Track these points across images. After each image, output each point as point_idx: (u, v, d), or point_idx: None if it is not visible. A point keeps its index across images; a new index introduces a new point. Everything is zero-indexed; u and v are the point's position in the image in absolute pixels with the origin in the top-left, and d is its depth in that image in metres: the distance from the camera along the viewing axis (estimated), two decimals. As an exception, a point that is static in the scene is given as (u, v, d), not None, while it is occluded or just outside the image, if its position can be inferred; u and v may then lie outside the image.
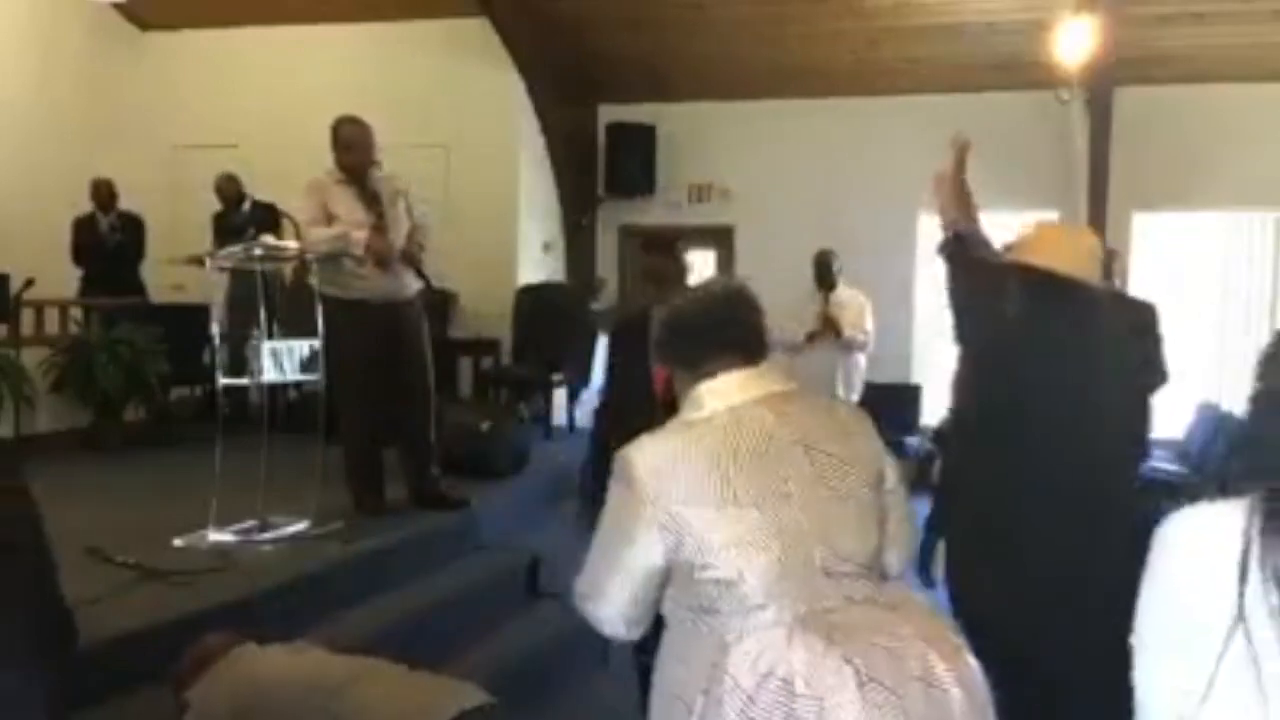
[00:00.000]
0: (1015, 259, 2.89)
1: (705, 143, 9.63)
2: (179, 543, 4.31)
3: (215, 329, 4.98)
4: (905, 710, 1.70)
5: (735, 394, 1.97)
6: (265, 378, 4.54)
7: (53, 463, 6.20)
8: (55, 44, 9.00)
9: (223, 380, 4.78)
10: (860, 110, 9.09)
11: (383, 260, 4.84)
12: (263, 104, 9.13)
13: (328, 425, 4.81)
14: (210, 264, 5.14)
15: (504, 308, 8.82)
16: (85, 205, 8.07)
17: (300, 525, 4.57)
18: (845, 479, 1.93)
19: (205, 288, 5.14)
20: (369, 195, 4.89)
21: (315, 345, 4.68)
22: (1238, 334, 8.77)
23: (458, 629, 4.41)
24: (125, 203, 8.18)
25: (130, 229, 8.14)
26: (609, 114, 9.80)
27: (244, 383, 4.75)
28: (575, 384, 8.29)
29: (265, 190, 7.88)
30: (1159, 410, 4.00)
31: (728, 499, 1.83)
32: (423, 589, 4.59)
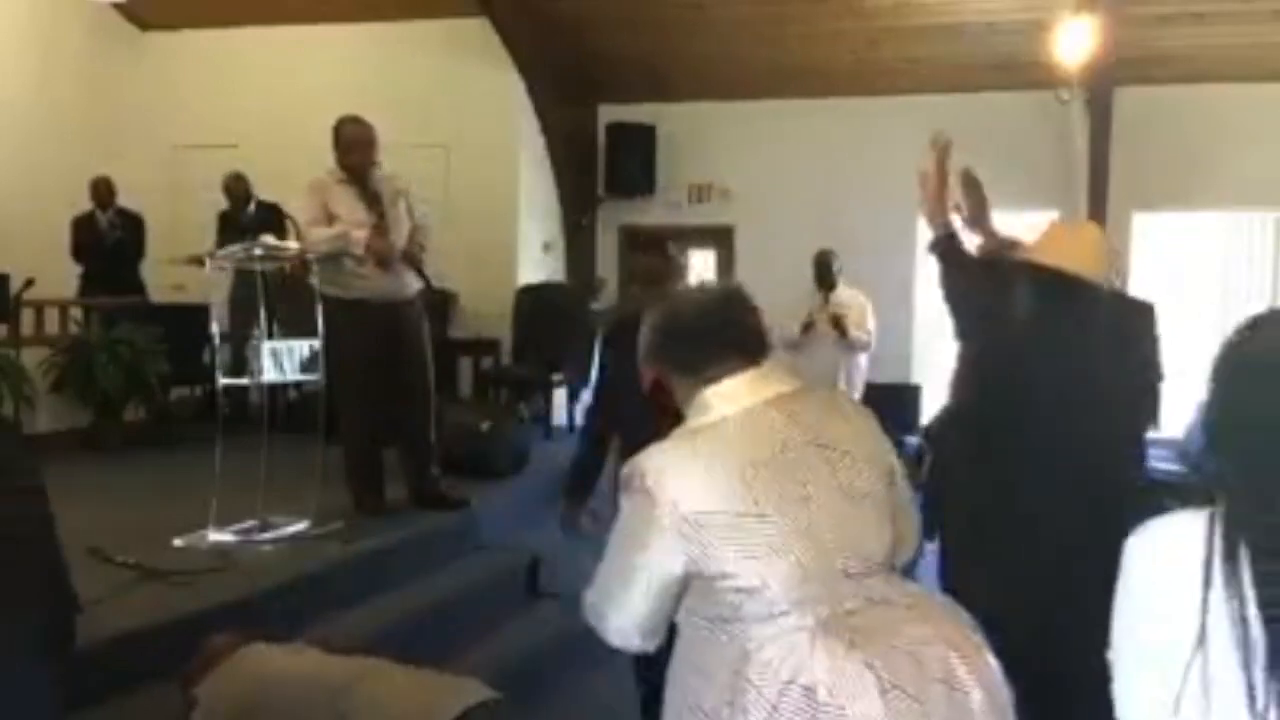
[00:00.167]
0: (1025, 257, 2.90)
1: (705, 143, 9.62)
2: (179, 543, 4.31)
3: (215, 329, 4.98)
4: (928, 715, 1.69)
5: (743, 397, 1.94)
6: (265, 378, 4.54)
7: (53, 463, 6.15)
8: (55, 44, 9.00)
9: (223, 380, 4.78)
10: (860, 110, 9.09)
11: (384, 260, 4.84)
12: (263, 104, 9.13)
13: (328, 425, 4.81)
14: (210, 264, 5.14)
15: (504, 308, 8.82)
16: (85, 205, 8.08)
17: (300, 525, 4.57)
18: (860, 477, 1.91)
19: (205, 287, 5.14)
20: (370, 195, 4.89)
21: (315, 345, 4.68)
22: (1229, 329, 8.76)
23: (458, 629, 4.41)
24: (125, 202, 8.18)
25: (130, 227, 8.14)
26: (609, 114, 9.79)
27: (244, 383, 4.75)
28: (575, 384, 8.29)
29: (265, 190, 7.90)
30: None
31: (747, 505, 1.80)
32: (423, 589, 4.59)
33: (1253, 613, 1.26)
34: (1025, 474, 2.72)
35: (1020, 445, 2.74)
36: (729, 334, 2.02)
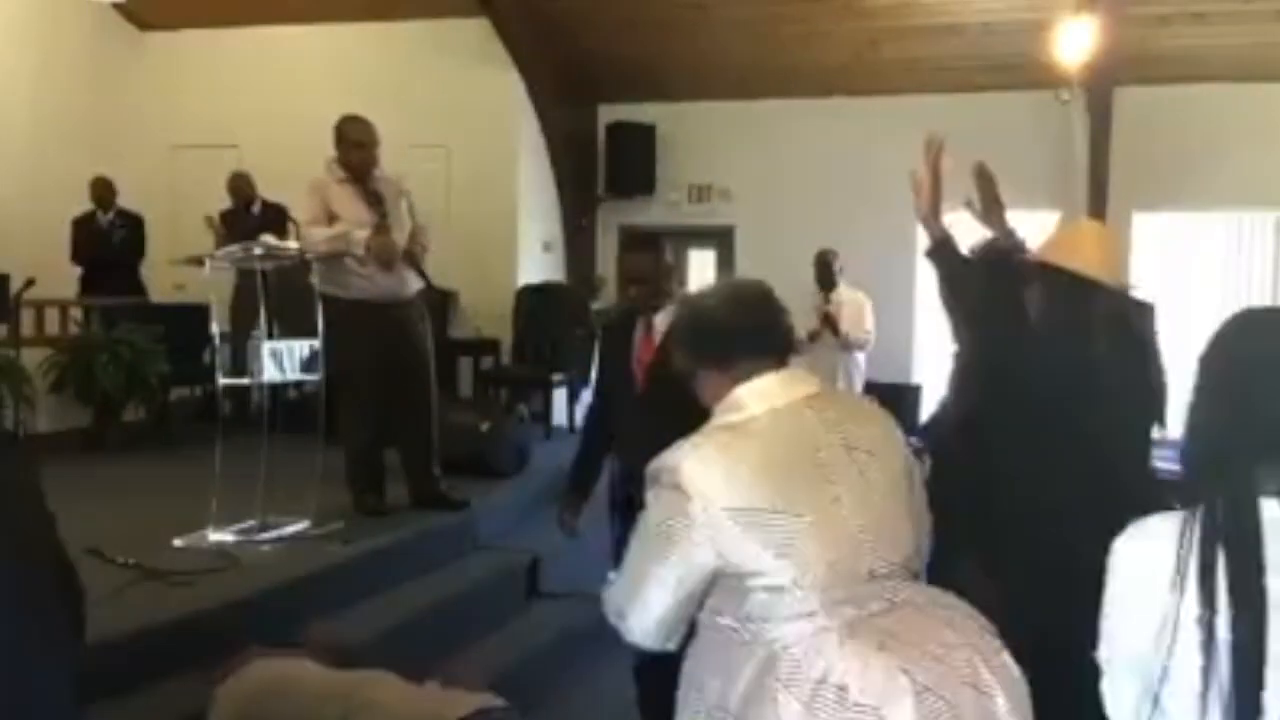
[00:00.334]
0: (1039, 258, 2.89)
1: (705, 143, 9.62)
2: (179, 543, 4.31)
3: (215, 329, 4.98)
4: (959, 717, 1.70)
5: (775, 396, 1.95)
6: (265, 378, 4.54)
7: (53, 463, 6.17)
8: (55, 44, 9.00)
9: (223, 380, 4.78)
10: (860, 110, 9.08)
11: (386, 260, 4.83)
12: (262, 104, 9.13)
13: (328, 425, 4.81)
14: (210, 264, 5.14)
15: (504, 307, 8.83)
16: (85, 205, 8.08)
17: (300, 525, 4.57)
18: (886, 480, 1.93)
19: (205, 287, 5.13)
20: (371, 195, 4.89)
21: (315, 345, 4.68)
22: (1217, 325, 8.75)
23: (458, 629, 4.41)
24: (124, 202, 8.18)
25: (130, 227, 8.14)
26: (609, 114, 9.80)
27: (244, 383, 4.75)
28: (575, 384, 8.29)
29: (264, 190, 7.89)
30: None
31: (778, 503, 1.81)
32: (423, 589, 4.59)
33: (1223, 613, 1.27)
34: (1032, 474, 2.71)
35: (1027, 445, 2.73)
36: (763, 332, 2.02)
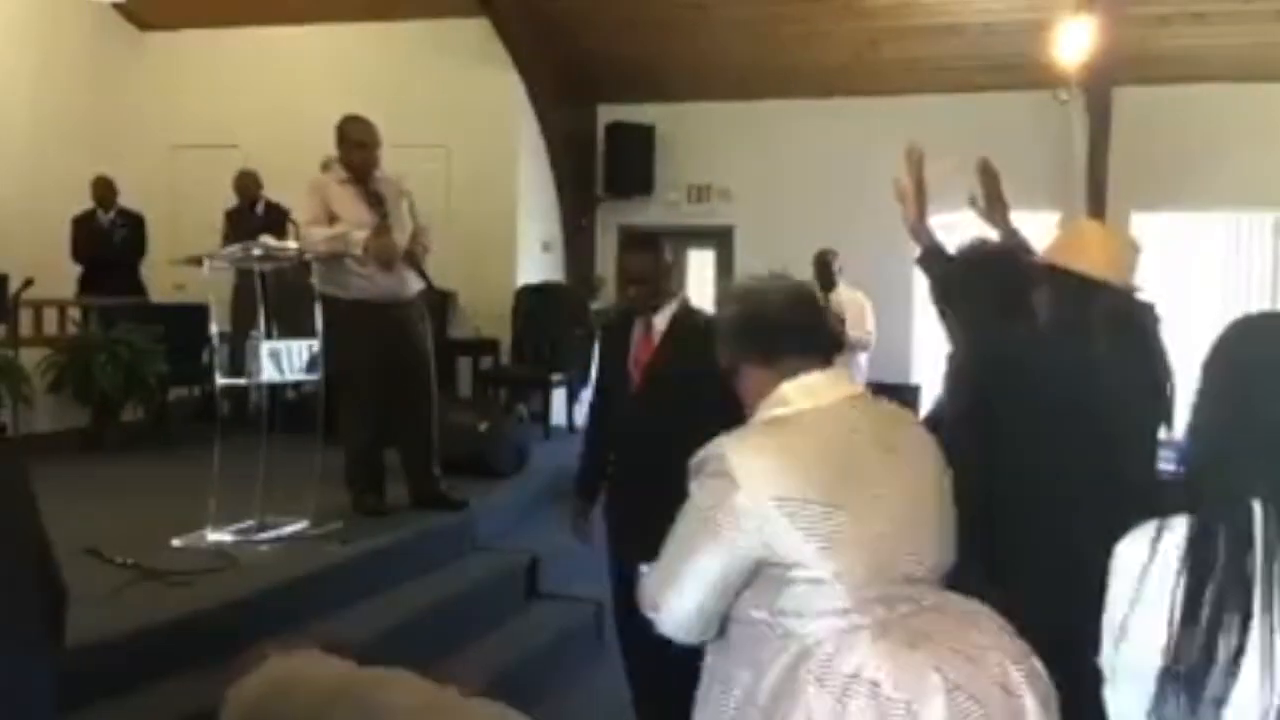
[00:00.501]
0: (1046, 260, 2.88)
1: (705, 143, 9.62)
2: (178, 543, 4.31)
3: (214, 329, 4.97)
4: (989, 717, 1.71)
5: (820, 394, 1.96)
6: (264, 378, 4.53)
7: (51, 463, 6.18)
8: (55, 44, 9.00)
9: (221, 380, 4.77)
10: (860, 110, 9.08)
11: (386, 261, 4.83)
12: (262, 104, 9.13)
13: (326, 425, 4.81)
14: (208, 264, 5.13)
15: (503, 307, 8.83)
16: (84, 205, 8.07)
17: (299, 525, 4.57)
18: (923, 485, 1.95)
19: (205, 287, 5.13)
20: (372, 195, 4.89)
21: (315, 346, 4.67)
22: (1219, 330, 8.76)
23: (457, 629, 4.41)
24: (125, 202, 8.18)
25: (131, 226, 8.13)
26: (608, 114, 9.80)
27: (242, 383, 4.74)
28: (574, 384, 8.29)
29: (264, 190, 7.88)
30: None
31: (822, 497, 1.82)
32: (422, 589, 4.58)
33: (1224, 619, 1.26)
34: (1039, 476, 2.70)
35: (1034, 447, 2.72)
36: (810, 330, 2.04)
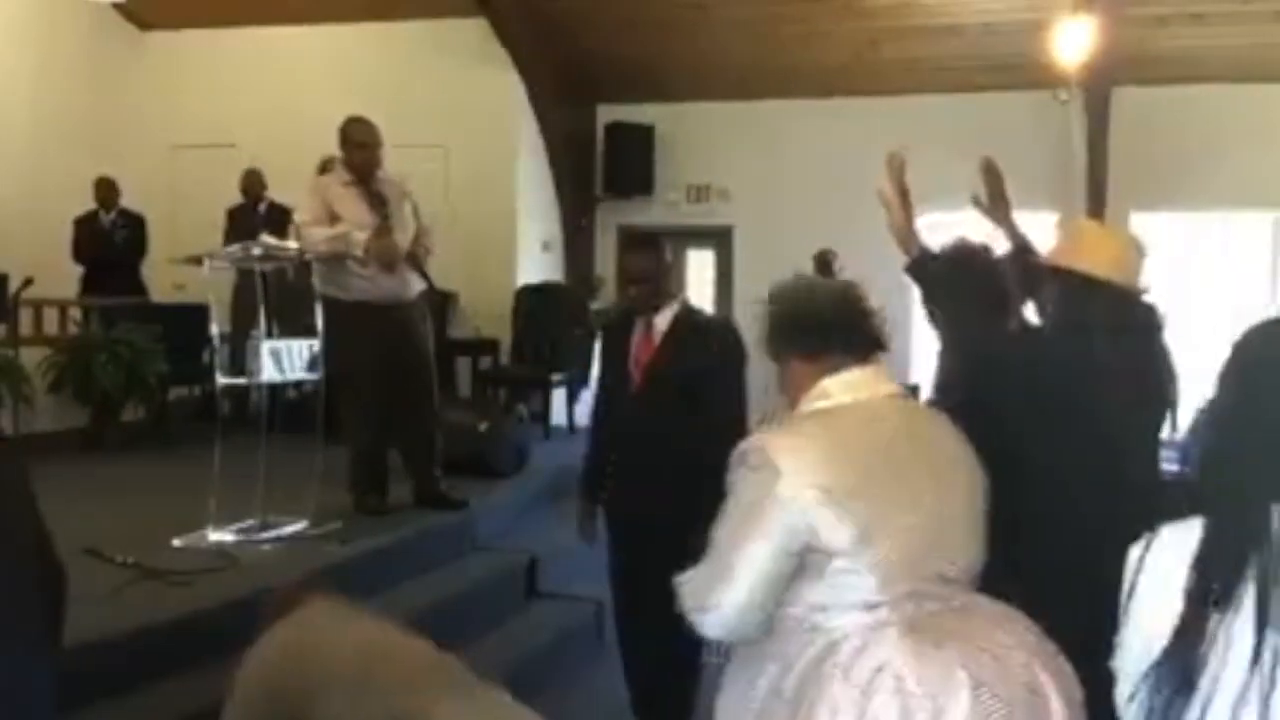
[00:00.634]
0: (1051, 261, 2.88)
1: (704, 143, 9.63)
2: (178, 542, 4.31)
3: (214, 329, 4.97)
4: (1013, 716, 1.72)
5: (862, 389, 1.99)
6: (264, 378, 4.54)
7: (51, 462, 6.19)
8: (55, 43, 9.00)
9: (221, 380, 4.78)
10: (859, 110, 9.08)
11: (387, 262, 4.84)
12: (262, 104, 9.13)
13: (327, 425, 4.81)
14: (208, 264, 5.13)
15: (503, 308, 8.83)
16: (85, 205, 8.07)
17: (299, 525, 4.57)
18: (959, 487, 1.97)
19: (205, 287, 5.13)
20: (374, 196, 4.89)
21: (315, 345, 4.68)
22: (1236, 335, 8.76)
23: (456, 629, 4.39)
24: (125, 202, 8.17)
25: (132, 227, 8.13)
26: (608, 114, 9.80)
27: (242, 382, 4.75)
28: (574, 384, 8.29)
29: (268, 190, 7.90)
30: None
31: (863, 488, 1.85)
32: (422, 589, 4.58)
33: (1238, 624, 1.27)
34: (1042, 476, 2.70)
35: (1032, 446, 2.72)
36: (855, 329, 2.06)
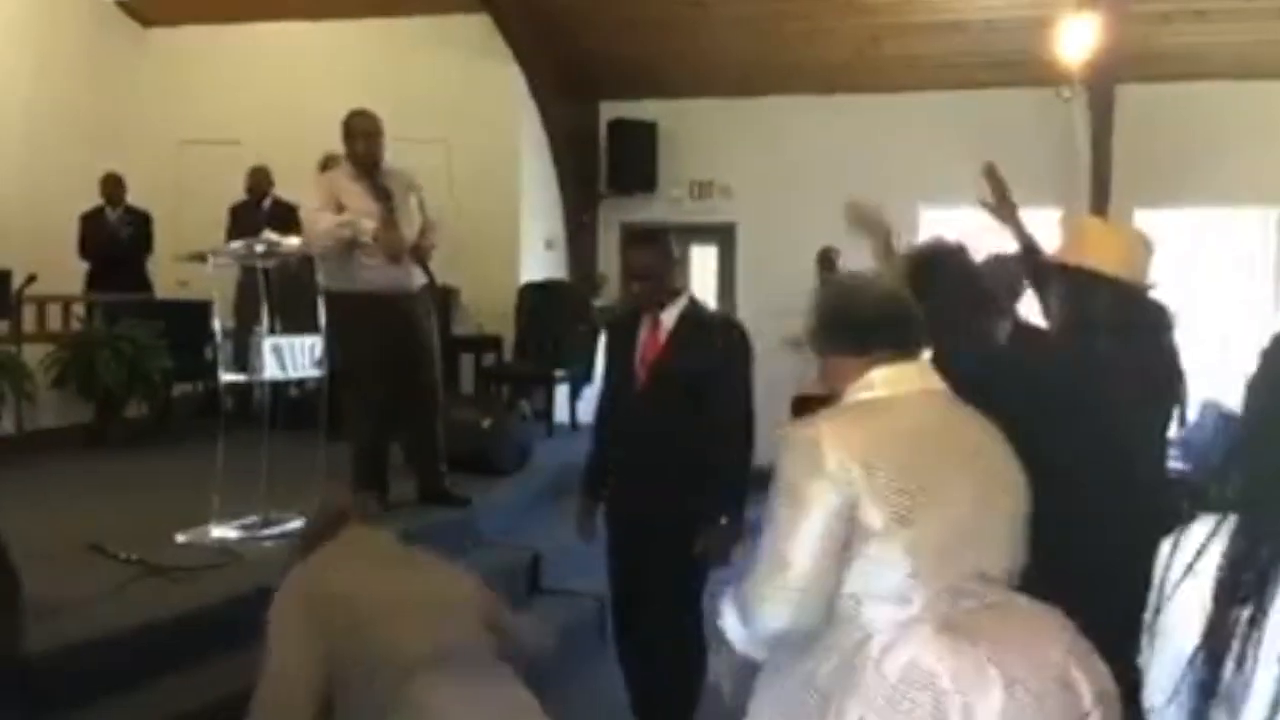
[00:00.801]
0: (1056, 258, 2.87)
1: (707, 139, 9.62)
2: (181, 538, 4.32)
3: (217, 325, 4.98)
4: (1046, 713, 1.72)
5: (907, 383, 2.02)
6: (266, 374, 4.54)
7: (55, 459, 6.21)
8: (57, 40, 9.00)
9: (225, 376, 4.78)
10: (862, 107, 9.07)
11: (393, 254, 4.85)
12: (265, 100, 9.12)
13: (330, 421, 4.81)
14: (212, 260, 5.14)
15: (506, 305, 8.82)
16: (88, 202, 8.08)
17: (303, 521, 4.56)
18: (996, 484, 1.98)
19: (208, 283, 5.14)
20: (380, 190, 4.91)
21: (318, 341, 4.68)
22: (1240, 331, 8.75)
23: (459, 625, 4.41)
24: (130, 199, 8.19)
25: (138, 223, 8.14)
26: (610, 110, 9.79)
27: (245, 379, 4.75)
28: (577, 381, 8.29)
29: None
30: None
31: (905, 474, 1.87)
32: (425, 585, 4.58)
33: (1269, 623, 1.26)
34: (1048, 475, 2.69)
35: (1034, 446, 2.71)
36: (904, 323, 2.09)
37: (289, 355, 4.60)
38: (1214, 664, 1.27)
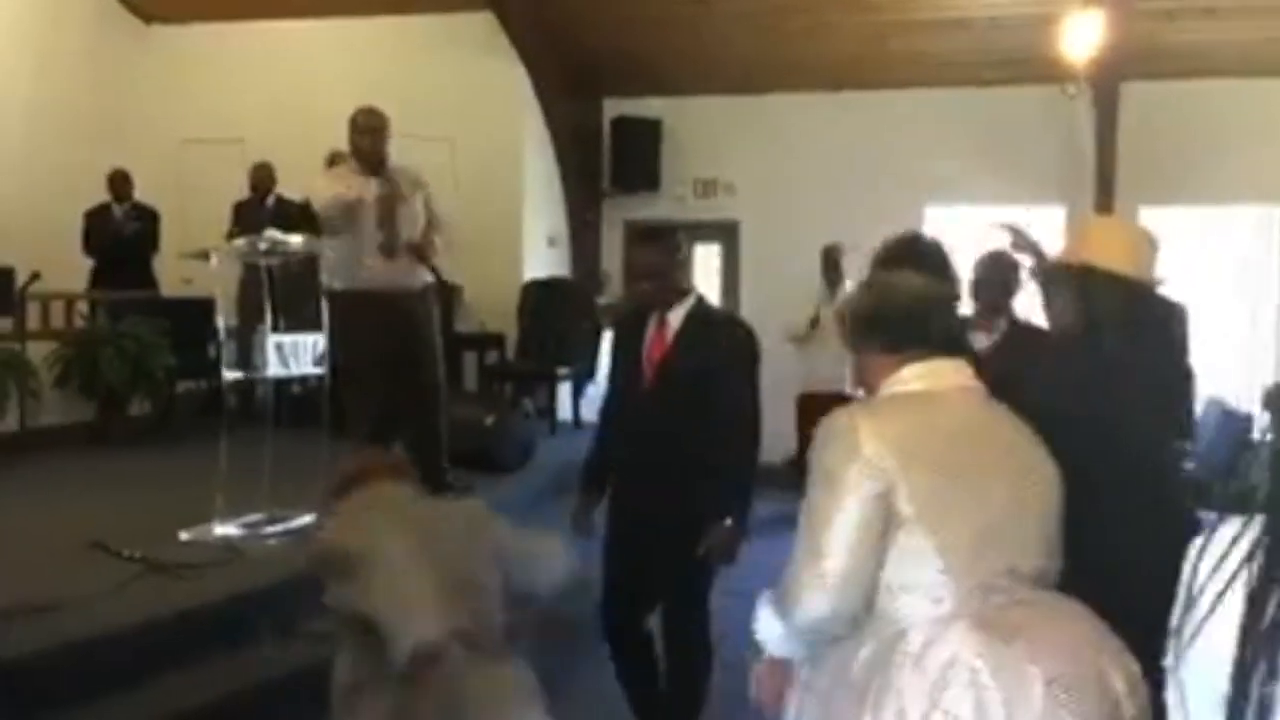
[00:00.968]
0: (1064, 259, 2.86)
1: (711, 137, 9.60)
2: (185, 536, 4.32)
3: (220, 322, 4.98)
4: (1084, 711, 1.73)
5: (942, 378, 2.03)
6: (269, 372, 4.54)
7: (58, 456, 6.21)
8: (59, 38, 8.99)
9: (228, 374, 4.78)
10: (866, 104, 9.06)
11: (388, 249, 4.85)
12: (269, 98, 9.12)
13: (333, 418, 4.81)
14: (215, 258, 5.14)
15: (509, 302, 8.82)
16: (91, 199, 8.07)
17: (306, 519, 4.56)
18: (1029, 483, 1.98)
19: (211, 281, 5.14)
20: (385, 186, 4.92)
21: (321, 339, 4.68)
22: (1246, 329, 8.73)
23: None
24: (135, 196, 8.18)
25: (144, 220, 8.13)
26: (614, 108, 9.78)
27: (247, 376, 4.75)
28: (580, 379, 8.29)
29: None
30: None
31: (934, 466, 1.88)
32: (427, 583, 4.58)
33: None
34: (1065, 475, 2.68)
35: (1052, 445, 2.70)
36: (941, 321, 2.12)
37: (292, 353, 4.60)
38: (1243, 665, 1.25)
